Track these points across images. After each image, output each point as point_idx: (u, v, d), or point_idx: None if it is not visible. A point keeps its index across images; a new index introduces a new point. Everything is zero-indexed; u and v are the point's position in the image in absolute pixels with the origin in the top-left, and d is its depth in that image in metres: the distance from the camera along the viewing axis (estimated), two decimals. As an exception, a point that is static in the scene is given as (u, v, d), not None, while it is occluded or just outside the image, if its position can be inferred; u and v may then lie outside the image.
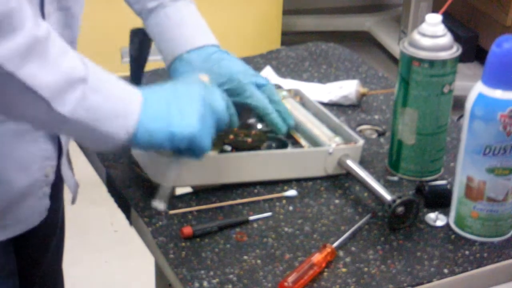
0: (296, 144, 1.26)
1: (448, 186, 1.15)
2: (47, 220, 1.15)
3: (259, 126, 1.28)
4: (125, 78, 1.34)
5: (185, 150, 1.03)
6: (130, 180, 1.19)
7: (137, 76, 1.32)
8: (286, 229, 1.11)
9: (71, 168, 1.22)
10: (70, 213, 1.35)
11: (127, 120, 0.98)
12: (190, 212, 1.13)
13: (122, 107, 0.98)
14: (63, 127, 0.96)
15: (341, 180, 1.21)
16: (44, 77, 0.90)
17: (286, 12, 3.37)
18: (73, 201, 1.24)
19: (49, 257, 1.28)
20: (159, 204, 1.04)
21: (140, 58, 1.28)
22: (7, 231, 1.09)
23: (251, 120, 1.28)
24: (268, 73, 1.49)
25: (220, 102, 1.06)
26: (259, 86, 1.19)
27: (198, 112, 1.01)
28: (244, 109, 1.22)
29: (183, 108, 1.01)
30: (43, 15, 1.02)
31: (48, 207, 1.14)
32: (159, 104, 1.00)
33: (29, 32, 0.89)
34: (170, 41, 1.20)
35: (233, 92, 1.17)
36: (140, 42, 1.21)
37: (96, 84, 0.95)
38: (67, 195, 1.27)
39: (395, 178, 1.22)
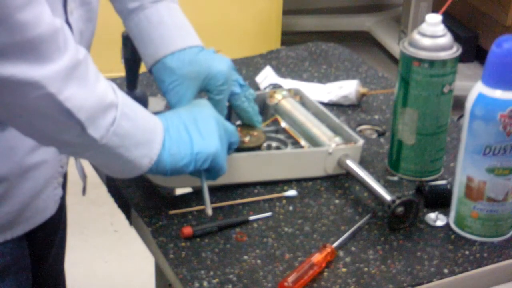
0: (296, 144, 1.27)
1: (448, 186, 1.15)
2: (54, 216, 1.16)
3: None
4: (123, 78, 1.35)
5: (205, 171, 1.08)
6: (130, 180, 1.19)
7: (132, 78, 1.32)
8: (286, 229, 1.11)
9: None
10: (70, 213, 1.35)
11: (150, 149, 1.01)
12: (190, 212, 1.13)
13: (147, 135, 1.01)
14: (90, 151, 0.98)
15: (341, 180, 1.21)
16: (82, 100, 0.91)
17: (286, 12, 3.37)
18: (84, 191, 1.25)
19: (53, 254, 1.28)
20: (209, 211, 1.09)
21: (134, 60, 1.28)
22: (26, 224, 1.10)
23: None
24: (268, 73, 1.49)
25: (228, 124, 1.11)
26: (232, 94, 1.21)
27: (215, 132, 1.07)
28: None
29: (202, 129, 1.06)
30: (65, 12, 1.03)
31: (61, 196, 1.15)
32: (178, 129, 1.05)
33: (72, 54, 0.90)
34: (149, 43, 1.19)
35: (210, 90, 1.18)
36: (133, 44, 1.21)
37: (125, 110, 0.97)
38: (68, 194, 1.28)
39: (395, 178, 1.22)
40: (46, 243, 1.24)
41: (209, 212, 1.08)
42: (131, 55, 1.27)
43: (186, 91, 1.16)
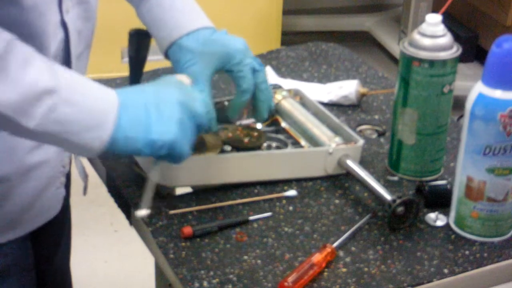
0: (296, 144, 1.27)
1: (448, 186, 1.15)
2: (58, 216, 1.16)
3: (259, 126, 1.28)
4: (125, 78, 1.35)
5: (164, 156, 1.02)
6: (130, 180, 1.19)
7: (136, 77, 1.32)
8: (286, 229, 1.11)
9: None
10: (71, 213, 1.35)
11: (101, 131, 0.96)
12: (190, 212, 1.13)
13: (97, 118, 0.96)
14: (36, 138, 0.96)
15: (341, 180, 1.21)
16: (4, 95, 0.88)
17: (286, 12, 3.37)
18: (85, 191, 1.25)
19: (60, 254, 1.29)
20: (142, 212, 1.04)
21: (139, 59, 1.28)
22: (29, 224, 1.11)
23: (250, 120, 1.29)
24: (268, 73, 1.49)
25: (200, 106, 1.04)
26: (254, 70, 1.16)
27: (177, 117, 1.00)
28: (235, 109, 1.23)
29: (162, 113, 1.00)
30: (61, 11, 1.03)
31: (64, 196, 1.15)
32: (137, 109, 0.99)
33: None
34: (163, 27, 1.18)
35: (230, 69, 1.15)
36: (139, 42, 1.21)
37: (66, 95, 0.93)
38: (71, 195, 1.28)
39: (395, 178, 1.22)
40: (51, 243, 1.24)
41: (143, 212, 1.04)
42: (136, 53, 1.27)
43: (203, 70, 1.13)
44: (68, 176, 1.20)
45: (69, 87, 0.94)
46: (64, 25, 1.04)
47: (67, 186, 1.19)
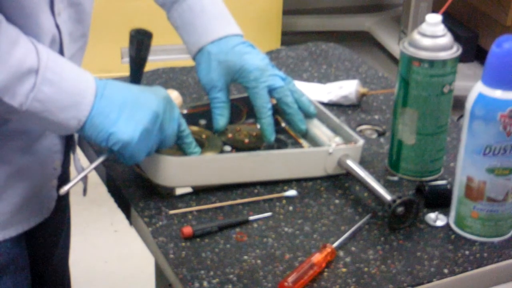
0: (296, 144, 1.27)
1: (448, 186, 1.15)
2: (55, 216, 1.16)
3: (259, 126, 1.28)
4: (125, 78, 1.35)
5: (117, 152, 1.05)
6: (130, 180, 1.19)
7: (136, 77, 1.32)
8: (286, 229, 1.11)
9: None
10: (70, 212, 1.35)
11: (79, 111, 1.00)
12: (190, 212, 1.13)
13: (74, 98, 0.99)
14: (16, 115, 0.98)
15: (341, 180, 1.21)
16: None
17: (286, 12, 3.37)
18: (84, 192, 1.26)
19: (58, 253, 1.29)
20: (65, 188, 1.05)
21: (140, 59, 1.28)
22: (22, 225, 1.11)
23: (251, 120, 1.29)
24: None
25: (172, 126, 1.08)
26: (272, 88, 1.20)
27: (144, 125, 1.03)
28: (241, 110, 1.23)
29: (132, 116, 1.03)
30: (53, 13, 1.03)
31: (56, 198, 1.15)
32: (113, 103, 1.02)
33: None
34: (192, 32, 1.22)
35: (245, 85, 1.19)
36: (139, 42, 1.21)
37: (46, 76, 0.96)
38: (72, 195, 1.28)
39: (395, 178, 1.22)
40: (49, 243, 1.24)
41: (62, 191, 1.05)
42: (136, 53, 1.27)
43: (220, 78, 1.19)
44: (67, 178, 1.20)
45: (48, 68, 0.97)
46: (57, 27, 1.04)
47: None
